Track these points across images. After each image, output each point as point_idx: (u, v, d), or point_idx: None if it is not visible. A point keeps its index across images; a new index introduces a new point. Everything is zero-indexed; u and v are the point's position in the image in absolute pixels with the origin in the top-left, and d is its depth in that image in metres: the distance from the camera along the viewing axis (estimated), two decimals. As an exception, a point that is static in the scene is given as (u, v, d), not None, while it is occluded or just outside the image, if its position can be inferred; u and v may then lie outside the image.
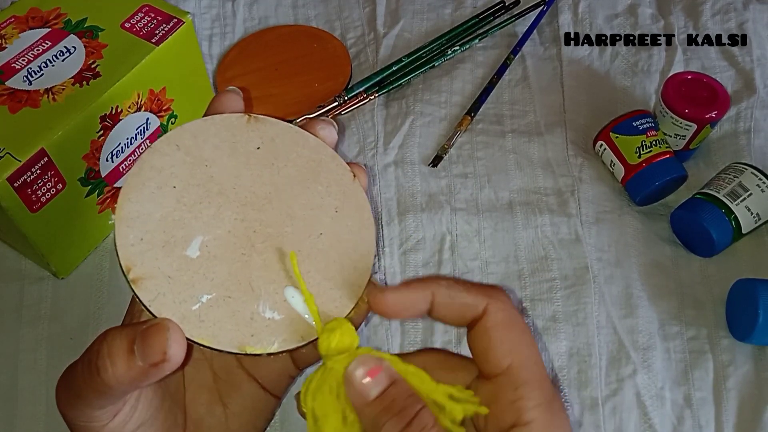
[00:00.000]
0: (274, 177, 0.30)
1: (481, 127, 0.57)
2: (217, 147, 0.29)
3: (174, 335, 0.24)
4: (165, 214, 0.27)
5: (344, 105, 0.57)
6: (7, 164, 0.39)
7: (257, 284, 0.28)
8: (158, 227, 0.27)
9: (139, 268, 0.26)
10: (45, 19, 0.46)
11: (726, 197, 0.48)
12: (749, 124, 0.57)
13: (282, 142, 0.30)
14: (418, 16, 0.65)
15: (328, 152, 0.31)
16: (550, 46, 0.63)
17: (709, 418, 0.43)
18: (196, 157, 0.29)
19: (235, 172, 0.29)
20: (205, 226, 0.28)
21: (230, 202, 0.29)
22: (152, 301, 0.26)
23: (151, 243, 0.27)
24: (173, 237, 0.27)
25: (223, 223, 0.28)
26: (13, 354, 0.44)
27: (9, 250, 0.48)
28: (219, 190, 0.29)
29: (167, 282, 0.26)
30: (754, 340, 0.44)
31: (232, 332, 0.26)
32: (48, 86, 0.42)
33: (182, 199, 0.28)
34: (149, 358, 0.24)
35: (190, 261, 0.27)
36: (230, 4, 0.64)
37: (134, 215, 0.27)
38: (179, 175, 0.28)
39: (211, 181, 0.29)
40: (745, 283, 0.45)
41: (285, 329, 0.27)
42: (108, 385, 0.24)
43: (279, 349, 0.27)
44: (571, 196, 0.52)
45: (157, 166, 0.28)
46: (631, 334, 0.46)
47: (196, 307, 0.26)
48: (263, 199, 0.29)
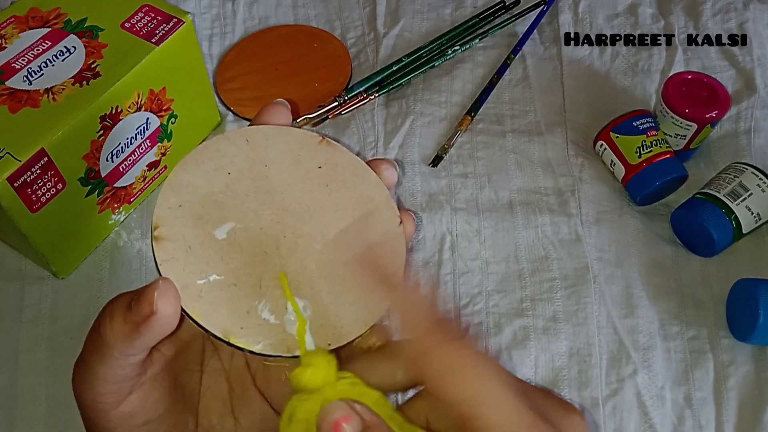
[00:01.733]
0: (323, 197, 0.30)
1: (482, 127, 0.57)
2: (282, 153, 0.30)
3: (163, 291, 0.24)
4: (210, 193, 0.29)
5: (344, 105, 0.57)
6: (7, 164, 0.39)
7: (266, 284, 0.28)
8: (199, 201, 0.28)
9: (165, 228, 0.27)
10: (45, 19, 0.46)
11: (726, 197, 0.48)
12: (749, 124, 0.57)
13: (344, 169, 0.31)
14: (418, 16, 0.65)
15: (383, 193, 0.31)
16: (550, 46, 0.63)
17: (710, 418, 0.43)
18: (260, 155, 0.30)
19: (290, 181, 0.30)
20: (241, 216, 0.29)
21: (273, 204, 0.29)
22: (165, 261, 0.27)
23: (186, 212, 0.28)
24: (208, 214, 0.28)
25: (260, 219, 0.29)
26: (13, 354, 0.44)
27: (9, 250, 0.48)
28: (268, 190, 0.30)
29: (185, 250, 0.27)
30: (755, 340, 0.44)
31: (224, 318, 0.27)
32: (48, 86, 0.42)
33: (231, 186, 0.29)
34: (140, 310, 0.24)
35: (214, 240, 0.28)
36: (230, 4, 0.64)
37: (183, 183, 0.28)
38: (238, 164, 0.30)
39: (264, 179, 0.30)
40: (745, 283, 0.45)
41: (275, 335, 0.27)
42: (106, 341, 0.25)
43: (261, 351, 0.27)
44: (572, 196, 0.52)
45: (222, 150, 0.30)
46: (631, 334, 0.46)
47: (201, 282, 0.27)
48: (305, 213, 0.30)
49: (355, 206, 0.31)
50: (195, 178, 0.29)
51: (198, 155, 0.29)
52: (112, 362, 0.26)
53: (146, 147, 0.48)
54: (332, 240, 0.30)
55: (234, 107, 0.57)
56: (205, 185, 0.29)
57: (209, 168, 0.29)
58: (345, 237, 0.30)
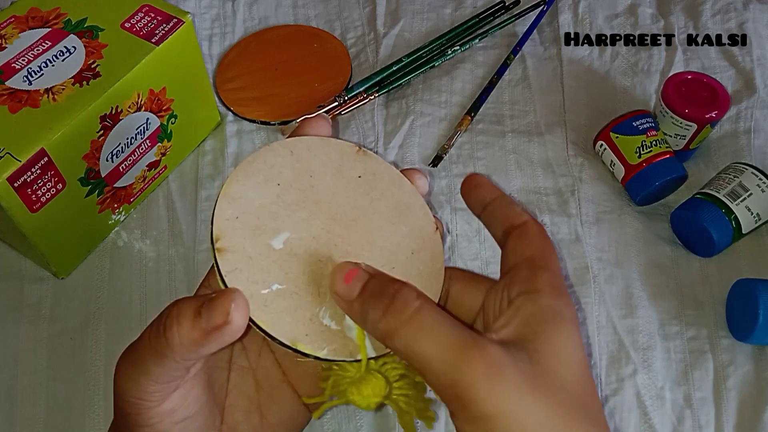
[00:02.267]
0: (365, 205, 0.32)
1: (481, 127, 0.57)
2: (324, 164, 0.32)
3: (238, 303, 0.25)
4: (263, 204, 0.30)
5: (344, 105, 0.57)
6: (7, 164, 0.39)
7: (325, 291, 0.29)
8: (254, 212, 0.29)
9: (226, 240, 0.28)
10: (45, 19, 0.46)
11: (726, 197, 0.48)
12: (749, 124, 0.57)
13: (381, 178, 0.33)
14: (418, 16, 0.65)
15: (419, 200, 0.33)
16: (550, 46, 0.63)
17: (709, 418, 0.43)
18: (305, 166, 0.31)
19: (334, 190, 0.31)
20: (294, 225, 0.30)
21: (322, 213, 0.31)
22: (229, 272, 0.28)
23: (244, 223, 0.29)
24: (264, 225, 0.29)
25: (311, 228, 0.30)
26: (13, 354, 0.44)
27: (9, 250, 0.48)
28: (316, 200, 0.31)
29: (247, 260, 0.28)
30: (754, 340, 0.44)
31: (289, 325, 0.28)
32: (48, 86, 0.42)
33: (282, 196, 0.30)
34: (213, 319, 0.25)
35: (272, 250, 0.29)
36: (230, 4, 0.64)
37: (237, 195, 0.29)
38: (286, 175, 0.31)
39: (311, 189, 0.31)
40: (745, 283, 0.45)
41: (337, 340, 0.28)
42: (171, 345, 0.25)
43: (327, 356, 0.28)
44: (571, 196, 0.52)
45: (269, 162, 0.31)
46: (631, 334, 0.46)
47: (265, 292, 0.28)
48: (351, 221, 0.31)
49: (394, 214, 0.32)
50: (247, 189, 0.30)
51: (248, 167, 0.30)
52: (171, 365, 0.26)
53: (146, 147, 0.48)
54: (379, 247, 0.31)
55: (234, 107, 0.57)
56: (257, 197, 0.30)
57: (259, 179, 0.30)
58: (390, 244, 0.31)
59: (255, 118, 0.56)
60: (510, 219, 0.30)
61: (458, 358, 0.24)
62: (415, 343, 0.25)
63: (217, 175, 0.53)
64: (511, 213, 0.30)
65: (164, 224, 0.50)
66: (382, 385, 0.29)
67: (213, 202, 0.53)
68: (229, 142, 0.55)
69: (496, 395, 0.23)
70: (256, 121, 0.56)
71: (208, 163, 0.54)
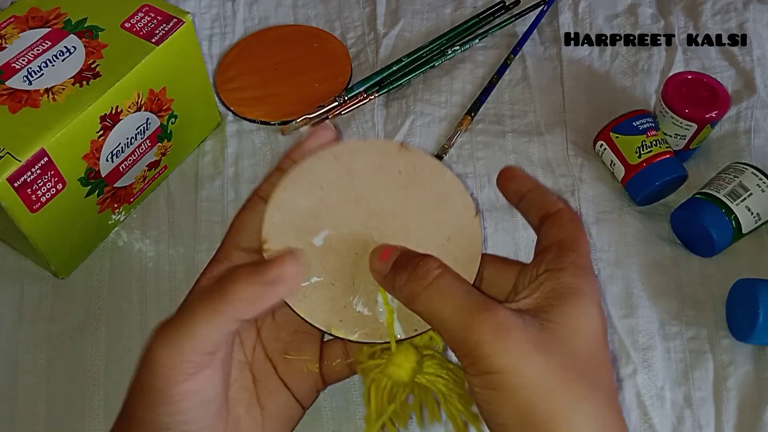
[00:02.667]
0: (404, 198, 0.34)
1: (481, 127, 0.57)
2: (366, 164, 0.34)
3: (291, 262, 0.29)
4: (307, 207, 0.33)
5: (344, 105, 0.57)
6: (7, 164, 0.39)
7: (359, 281, 0.32)
8: (298, 215, 0.33)
9: (272, 242, 0.32)
10: (45, 19, 0.46)
11: (726, 197, 0.48)
12: (749, 124, 0.57)
13: (422, 170, 0.34)
14: (418, 16, 0.65)
15: (459, 188, 0.35)
16: (550, 46, 0.63)
17: (709, 418, 0.43)
18: (346, 168, 0.34)
19: (374, 187, 0.34)
20: (334, 223, 0.33)
21: (361, 210, 0.33)
22: None
23: (289, 226, 0.32)
24: (307, 225, 0.33)
25: (350, 224, 0.33)
26: (13, 354, 0.44)
27: (9, 250, 0.48)
28: (355, 198, 0.33)
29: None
30: (754, 340, 0.44)
31: (325, 313, 0.31)
32: (48, 86, 0.42)
33: (324, 198, 0.33)
34: (269, 274, 0.28)
35: (314, 247, 0.32)
36: (230, 4, 0.64)
37: (284, 201, 0.33)
38: (328, 179, 0.33)
39: (352, 189, 0.34)
40: (745, 283, 0.45)
41: (369, 325, 0.32)
42: (229, 299, 0.28)
43: (358, 339, 0.31)
44: (572, 196, 0.52)
45: (314, 168, 0.34)
46: (631, 333, 0.46)
47: (305, 284, 0.31)
48: (389, 214, 0.33)
49: (433, 203, 0.34)
50: (293, 195, 0.33)
51: (295, 175, 0.33)
52: (222, 325, 0.28)
53: (146, 147, 0.48)
54: (414, 236, 0.33)
55: (234, 107, 0.57)
56: (302, 201, 0.33)
57: (305, 185, 0.33)
58: (425, 232, 0.33)
59: (255, 118, 0.56)
60: (545, 207, 0.32)
61: (469, 319, 0.27)
62: (433, 305, 0.28)
63: (217, 175, 0.53)
64: (546, 202, 0.32)
65: (164, 224, 0.50)
66: (413, 352, 0.32)
67: (213, 202, 0.53)
68: (229, 142, 0.55)
69: (501, 352, 0.26)
70: (256, 121, 0.56)
71: (208, 163, 0.54)
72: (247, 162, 0.54)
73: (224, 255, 0.33)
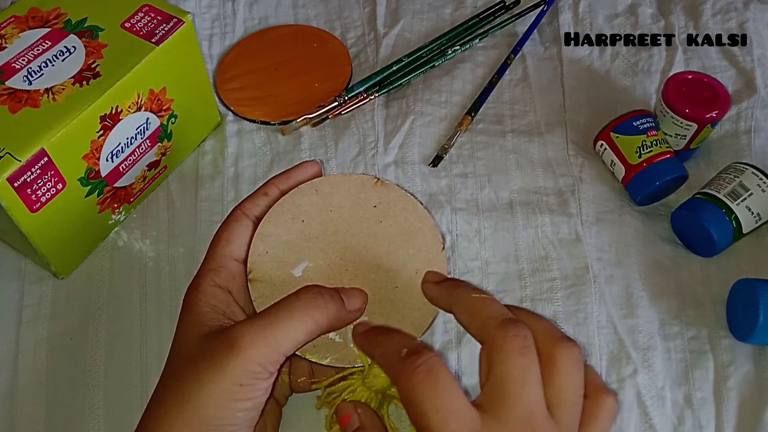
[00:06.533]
0: (377, 231, 0.37)
1: (482, 127, 0.57)
2: (344, 198, 0.37)
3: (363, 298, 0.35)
4: (289, 239, 0.36)
5: (344, 105, 0.57)
6: (7, 164, 0.39)
7: None
8: (281, 247, 0.36)
9: (257, 272, 0.35)
10: (45, 19, 0.46)
11: (726, 197, 0.48)
12: (750, 124, 0.57)
13: (395, 205, 0.37)
14: (418, 16, 0.65)
15: (429, 222, 0.37)
16: (550, 46, 0.63)
17: (710, 418, 0.43)
18: (326, 201, 0.37)
19: (351, 220, 0.37)
20: (312, 255, 0.36)
21: (338, 242, 0.36)
22: (257, 298, 0.34)
23: (272, 257, 0.35)
24: (288, 257, 0.36)
25: (327, 256, 0.36)
26: (13, 354, 0.44)
27: (9, 250, 0.48)
28: (333, 231, 0.36)
29: (272, 288, 0.35)
30: (755, 340, 0.44)
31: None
32: (48, 86, 0.42)
33: (305, 231, 0.36)
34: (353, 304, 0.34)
35: (293, 278, 0.35)
36: (230, 4, 0.64)
37: (269, 234, 0.36)
38: (309, 212, 0.37)
39: (330, 223, 0.37)
40: (745, 283, 0.45)
41: (340, 351, 0.34)
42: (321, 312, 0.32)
43: (330, 364, 0.34)
44: (572, 196, 0.52)
45: (297, 202, 0.37)
46: (631, 334, 0.46)
47: None
48: (363, 247, 0.36)
49: (405, 237, 0.37)
50: (277, 228, 0.36)
51: (279, 209, 0.36)
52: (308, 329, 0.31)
53: (146, 147, 0.48)
54: (385, 269, 0.36)
55: (234, 107, 0.57)
56: (284, 233, 0.36)
57: (288, 218, 0.36)
58: (396, 264, 0.36)
59: (255, 118, 0.56)
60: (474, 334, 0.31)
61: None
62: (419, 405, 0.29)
63: (217, 175, 0.53)
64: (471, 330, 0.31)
65: (164, 224, 0.50)
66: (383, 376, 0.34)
67: (213, 202, 0.53)
68: (229, 142, 0.55)
69: None
70: (256, 121, 0.56)
71: (208, 163, 0.54)
72: (247, 162, 0.54)
73: (220, 263, 0.34)
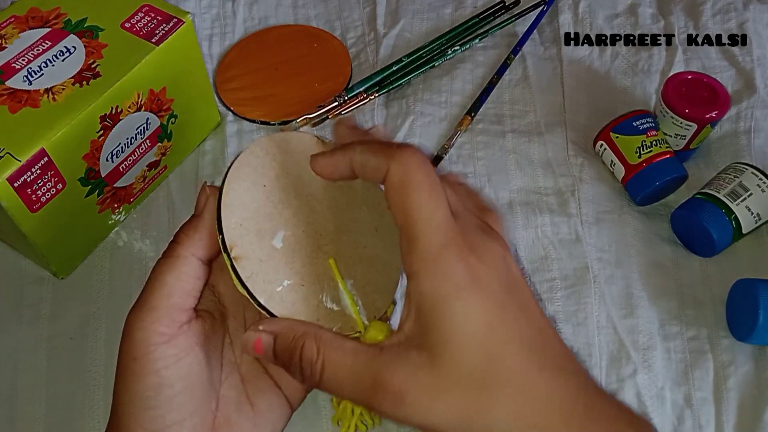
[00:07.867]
0: (335, 193, 0.35)
1: (482, 127, 0.57)
2: (297, 161, 0.34)
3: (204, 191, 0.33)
4: (258, 207, 0.32)
5: (344, 105, 0.57)
6: (7, 164, 0.39)
7: (321, 279, 0.33)
8: (253, 217, 0.32)
9: (239, 248, 0.31)
10: (45, 19, 0.46)
11: (726, 197, 0.48)
12: (750, 124, 0.57)
13: None
14: (418, 16, 0.65)
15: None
16: (550, 46, 0.63)
17: (710, 418, 0.43)
18: (280, 163, 0.34)
19: (307, 181, 0.34)
20: (286, 223, 0.33)
21: (303, 207, 0.34)
22: (248, 278, 0.31)
23: (247, 229, 0.32)
24: (263, 227, 0.32)
25: (299, 223, 0.33)
26: (13, 354, 0.44)
27: (9, 250, 0.48)
28: (296, 195, 0.34)
29: (259, 264, 0.31)
30: (755, 340, 0.44)
31: (304, 314, 0.32)
32: (48, 86, 0.42)
33: (270, 197, 0.33)
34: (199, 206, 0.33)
35: (275, 250, 0.32)
36: (230, 4, 0.64)
37: (235, 203, 0.32)
38: (268, 176, 0.33)
39: (291, 186, 0.34)
40: (745, 283, 0.45)
41: (341, 319, 0.33)
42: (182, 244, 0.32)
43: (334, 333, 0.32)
44: (572, 196, 0.52)
45: (252, 165, 0.33)
46: (631, 334, 0.46)
47: (279, 289, 0.32)
48: (326, 210, 0.34)
49: (360, 197, 0.35)
50: (241, 195, 0.32)
51: (236, 173, 0.32)
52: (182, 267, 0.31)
53: (146, 147, 0.48)
54: (351, 231, 0.34)
55: (234, 107, 0.57)
56: (251, 201, 0.32)
57: (248, 184, 0.32)
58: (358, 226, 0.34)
59: (255, 118, 0.56)
60: (377, 173, 0.29)
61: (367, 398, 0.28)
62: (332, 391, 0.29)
63: (217, 175, 0.53)
64: (373, 166, 0.29)
65: (164, 224, 0.50)
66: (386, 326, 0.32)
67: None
68: (229, 142, 0.55)
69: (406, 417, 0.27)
70: (256, 121, 0.56)
71: (208, 163, 0.54)
72: (247, 162, 0.54)
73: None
